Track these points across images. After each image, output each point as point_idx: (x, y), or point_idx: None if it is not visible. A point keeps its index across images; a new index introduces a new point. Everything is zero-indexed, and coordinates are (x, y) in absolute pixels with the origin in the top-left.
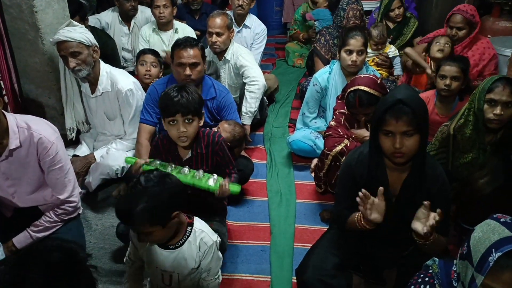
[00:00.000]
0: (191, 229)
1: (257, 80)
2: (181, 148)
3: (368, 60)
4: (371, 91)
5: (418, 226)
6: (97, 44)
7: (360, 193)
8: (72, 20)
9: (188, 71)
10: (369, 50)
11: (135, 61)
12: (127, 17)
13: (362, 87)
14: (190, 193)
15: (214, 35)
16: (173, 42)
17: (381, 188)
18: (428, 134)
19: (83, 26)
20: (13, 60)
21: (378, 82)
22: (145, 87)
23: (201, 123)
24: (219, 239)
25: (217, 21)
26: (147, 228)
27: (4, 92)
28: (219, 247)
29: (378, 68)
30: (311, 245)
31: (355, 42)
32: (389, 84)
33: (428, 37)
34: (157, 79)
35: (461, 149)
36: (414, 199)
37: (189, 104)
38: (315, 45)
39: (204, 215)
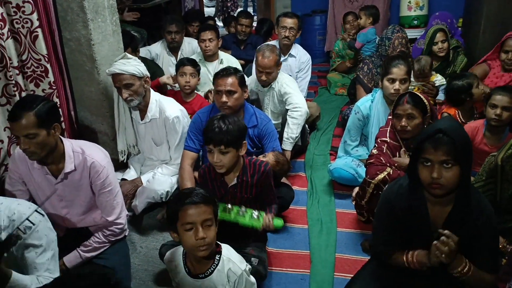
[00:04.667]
0: (220, 257)
1: (299, 107)
2: (227, 175)
3: (413, 89)
4: None
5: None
6: (148, 75)
7: (442, 237)
8: (126, 53)
9: (224, 98)
10: (412, 79)
11: (175, 72)
12: (174, 48)
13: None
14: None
15: (264, 74)
16: None
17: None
18: (471, 167)
19: (136, 58)
20: (71, 89)
21: None
22: (185, 96)
23: (242, 152)
24: (248, 266)
25: (266, 62)
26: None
27: (62, 119)
28: (260, 273)
29: None
30: (352, 275)
31: (398, 70)
32: None
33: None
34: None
35: (510, 180)
36: (458, 234)
37: (224, 135)
38: (358, 73)
39: (244, 241)
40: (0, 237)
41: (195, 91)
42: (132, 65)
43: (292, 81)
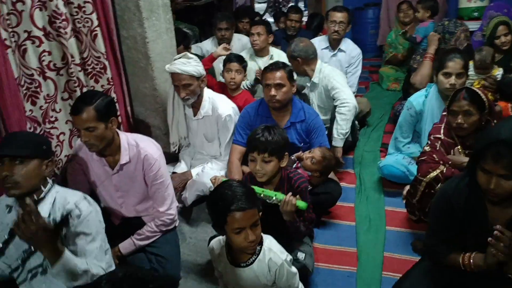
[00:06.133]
0: (261, 247)
1: (347, 102)
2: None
3: (473, 83)
4: None
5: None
6: (205, 74)
7: (496, 232)
8: (187, 52)
9: (273, 92)
10: (471, 72)
11: (223, 67)
12: None
13: None
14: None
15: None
16: None
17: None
18: None
19: (196, 58)
20: (127, 85)
21: None
22: (230, 91)
23: (283, 163)
24: (289, 256)
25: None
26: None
27: (118, 113)
28: (307, 268)
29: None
30: (401, 275)
31: (453, 64)
32: None
33: None
34: (242, 83)
35: None
36: None
37: (268, 145)
38: (413, 65)
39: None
40: (56, 220)
41: (241, 87)
42: (192, 66)
43: (340, 75)
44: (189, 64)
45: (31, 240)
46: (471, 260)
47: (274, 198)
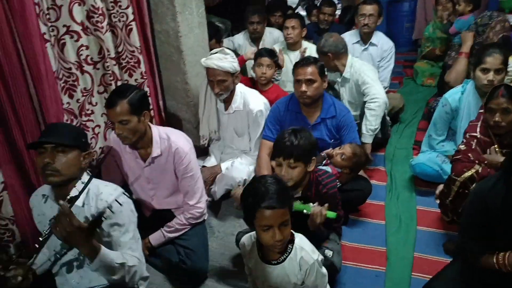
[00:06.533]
0: (292, 246)
1: (377, 97)
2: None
3: None
4: None
5: None
6: (239, 70)
7: None
8: (224, 48)
9: (304, 88)
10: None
11: (253, 61)
12: (256, 39)
13: None
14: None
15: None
16: None
17: None
18: None
19: (232, 54)
20: (160, 79)
21: None
22: (261, 86)
23: (310, 168)
24: (320, 256)
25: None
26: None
27: (151, 107)
28: (334, 266)
29: None
30: (431, 276)
31: (492, 60)
32: None
33: None
34: (273, 78)
35: None
36: None
37: (294, 150)
38: (448, 62)
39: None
40: (93, 214)
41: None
42: (229, 62)
43: (371, 69)
44: (226, 60)
45: (67, 239)
46: (506, 260)
47: (304, 211)
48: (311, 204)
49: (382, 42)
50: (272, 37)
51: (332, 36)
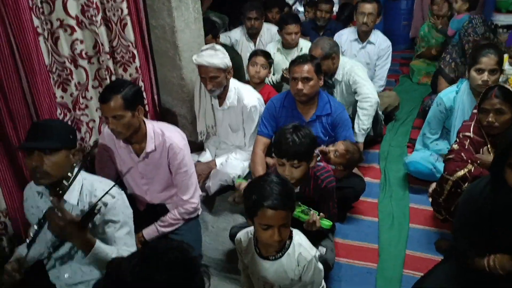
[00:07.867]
0: (291, 242)
1: (369, 97)
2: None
3: (509, 78)
4: None
5: None
6: (231, 65)
7: None
8: (215, 44)
9: (300, 85)
10: (507, 67)
11: (248, 60)
12: (253, 35)
13: None
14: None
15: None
16: None
17: None
18: None
19: (223, 49)
20: (155, 75)
21: None
22: (254, 86)
23: (312, 164)
24: (317, 252)
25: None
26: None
27: (145, 102)
28: (327, 263)
29: None
30: (422, 274)
31: (487, 60)
32: None
33: None
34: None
35: None
36: None
37: (298, 150)
38: (440, 64)
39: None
40: (85, 209)
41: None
42: (219, 58)
43: (362, 69)
44: (216, 56)
45: (61, 234)
46: (496, 263)
47: (298, 218)
48: (311, 210)
49: (380, 41)
50: (269, 33)
51: (326, 39)
